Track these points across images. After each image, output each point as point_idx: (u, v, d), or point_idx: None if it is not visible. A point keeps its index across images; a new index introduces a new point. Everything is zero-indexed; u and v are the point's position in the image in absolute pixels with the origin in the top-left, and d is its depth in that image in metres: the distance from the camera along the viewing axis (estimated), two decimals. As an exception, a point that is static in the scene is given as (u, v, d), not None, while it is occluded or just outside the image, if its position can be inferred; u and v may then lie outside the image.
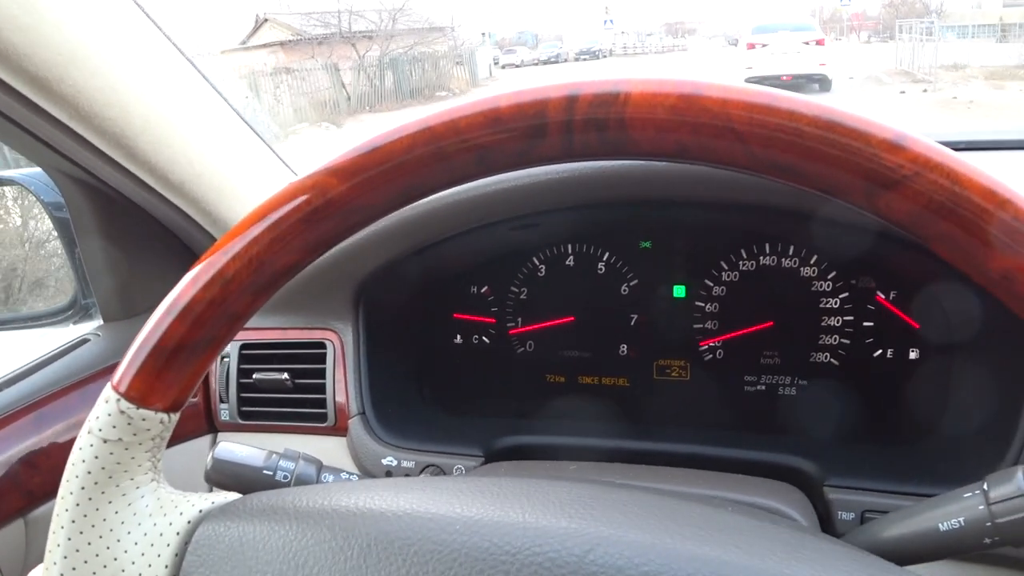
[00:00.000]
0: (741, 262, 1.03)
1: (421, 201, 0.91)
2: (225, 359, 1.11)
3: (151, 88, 0.93)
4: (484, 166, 0.46)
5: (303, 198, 0.47)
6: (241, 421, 1.11)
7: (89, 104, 0.86)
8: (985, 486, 0.56)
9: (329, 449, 1.05)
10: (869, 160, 0.39)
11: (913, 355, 0.98)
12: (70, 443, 1.01)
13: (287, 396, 1.09)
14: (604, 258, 1.08)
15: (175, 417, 0.52)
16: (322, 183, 0.47)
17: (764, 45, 16.21)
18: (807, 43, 16.04)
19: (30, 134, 0.91)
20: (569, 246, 1.09)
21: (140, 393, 0.49)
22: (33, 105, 0.84)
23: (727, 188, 0.85)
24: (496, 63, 39.90)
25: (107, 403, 0.50)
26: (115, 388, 0.50)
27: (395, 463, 1.00)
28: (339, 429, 1.05)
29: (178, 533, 0.51)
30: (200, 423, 1.14)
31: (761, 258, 1.02)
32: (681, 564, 0.40)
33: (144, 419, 0.50)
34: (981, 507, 0.56)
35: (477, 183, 0.90)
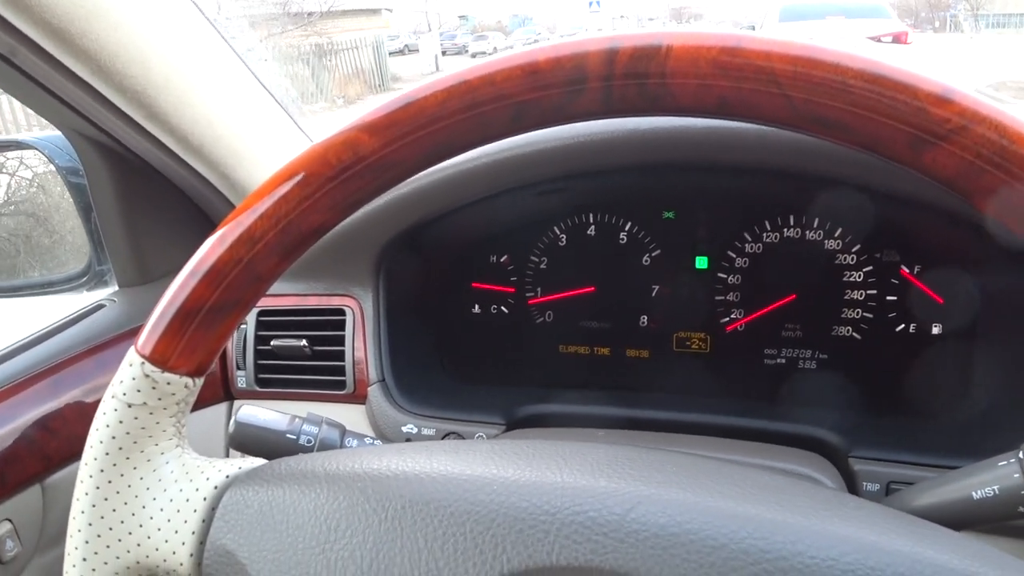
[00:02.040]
0: (765, 234, 1.02)
1: (445, 165, 0.91)
2: (242, 325, 1.10)
3: (173, 46, 0.92)
4: (520, 122, 0.45)
5: (334, 155, 0.46)
6: (258, 388, 1.11)
7: (111, 60, 0.84)
8: (1021, 455, 0.57)
9: (347, 417, 1.04)
10: (915, 114, 0.38)
11: (936, 330, 0.97)
12: (87, 408, 1.02)
13: (305, 363, 1.08)
14: (626, 228, 1.07)
15: (200, 382, 0.52)
16: (354, 139, 0.46)
17: None
18: (878, 39, 10.09)
19: (50, 93, 0.90)
20: (591, 215, 1.08)
21: (165, 357, 0.49)
22: (54, 61, 0.83)
23: (757, 151, 0.84)
24: (466, 51, 37.18)
25: (131, 367, 0.49)
26: (139, 352, 0.49)
27: (415, 430, 1.00)
28: (358, 396, 1.05)
29: (205, 498, 0.51)
30: (216, 390, 1.14)
31: (785, 230, 1.01)
32: (724, 521, 0.39)
33: (169, 383, 0.49)
34: (1017, 475, 0.56)
35: (503, 147, 0.89)
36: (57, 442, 1.00)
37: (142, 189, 1.11)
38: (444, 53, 35.19)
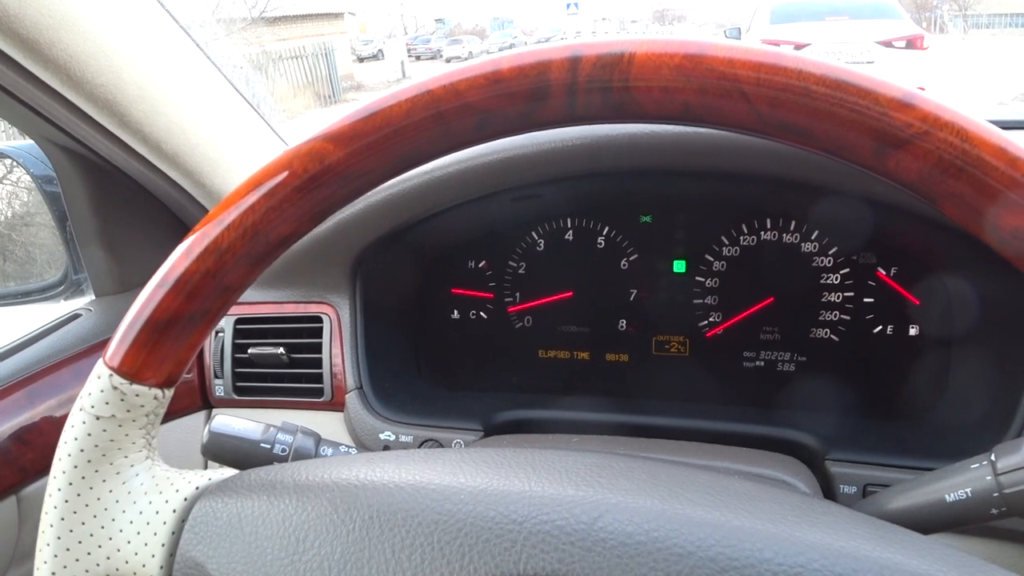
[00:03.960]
0: (742, 237, 1.03)
1: (421, 171, 0.91)
2: (220, 334, 1.10)
3: (145, 55, 0.91)
4: (484, 130, 0.45)
5: (299, 165, 0.46)
6: (236, 397, 1.10)
7: (81, 70, 0.84)
8: (993, 457, 0.57)
9: (326, 424, 1.04)
10: (878, 119, 0.38)
11: (913, 331, 0.98)
12: (63, 419, 1.00)
13: (283, 371, 1.08)
14: (604, 232, 1.07)
15: (169, 393, 0.51)
16: (319, 149, 0.45)
17: (801, 46, 7.84)
18: (889, 44, 8.52)
19: (21, 102, 0.89)
20: (568, 220, 1.08)
21: (133, 368, 0.49)
22: (24, 71, 0.82)
23: (732, 156, 0.84)
24: (440, 56, 36.30)
25: (99, 379, 0.49)
26: (107, 363, 0.49)
27: (393, 438, 1.00)
28: (336, 404, 1.05)
29: (174, 511, 0.50)
30: (194, 399, 1.13)
31: (762, 233, 1.02)
32: (691, 529, 0.40)
33: (137, 395, 0.49)
34: (988, 477, 0.56)
35: (478, 152, 0.89)
36: (33, 453, 0.99)
37: (117, 198, 1.10)
38: (418, 58, 34.69)
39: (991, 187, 0.37)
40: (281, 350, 1.06)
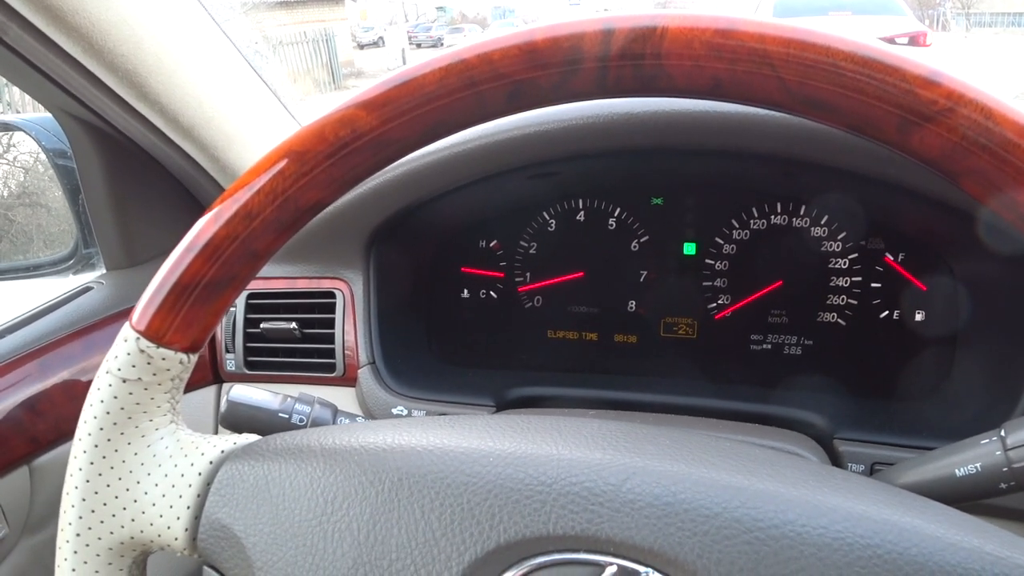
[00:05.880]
0: (752, 221, 1.03)
1: (439, 147, 0.91)
2: (231, 308, 1.10)
3: (165, 26, 0.91)
4: (517, 101, 0.45)
5: (331, 131, 0.46)
6: (247, 371, 1.10)
7: (102, 38, 0.84)
8: (1003, 432, 0.58)
9: (336, 399, 1.04)
10: (904, 95, 0.39)
11: (919, 317, 0.99)
12: (75, 389, 1.01)
13: (295, 346, 1.08)
14: (615, 214, 1.08)
15: (194, 358, 0.52)
16: (351, 116, 0.46)
17: None
18: (891, 40, 7.20)
19: (41, 72, 0.90)
20: (580, 201, 1.09)
21: (160, 332, 0.49)
22: (46, 39, 0.82)
23: (745, 136, 0.84)
24: (441, 44, 36.11)
25: (126, 342, 0.49)
26: (134, 327, 0.49)
27: (405, 412, 1.00)
28: (348, 379, 1.05)
29: (200, 473, 0.51)
30: (205, 373, 1.13)
31: (772, 217, 1.02)
32: (718, 492, 0.40)
33: (164, 358, 0.49)
34: (998, 452, 0.57)
35: (496, 129, 0.89)
36: (45, 423, 0.99)
37: (131, 172, 1.10)
38: (419, 46, 34.68)
39: (1013, 164, 0.38)
40: (293, 325, 1.06)
